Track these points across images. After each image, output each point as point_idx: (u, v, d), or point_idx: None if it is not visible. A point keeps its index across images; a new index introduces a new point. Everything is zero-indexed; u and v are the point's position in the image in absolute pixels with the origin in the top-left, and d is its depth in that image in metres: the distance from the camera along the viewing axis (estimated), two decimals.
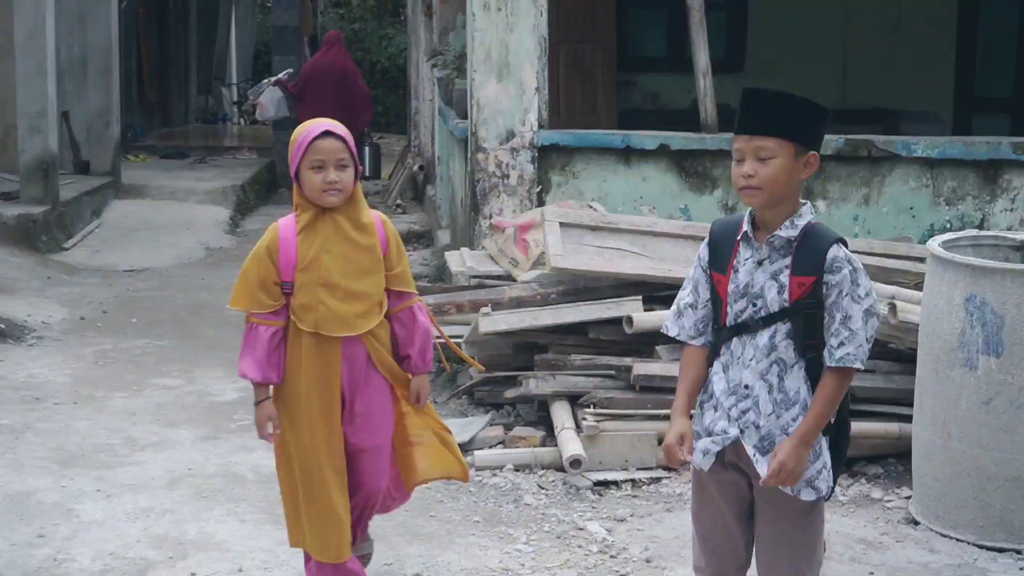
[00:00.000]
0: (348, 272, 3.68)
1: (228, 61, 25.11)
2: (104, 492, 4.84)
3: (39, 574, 4.09)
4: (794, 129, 3.10)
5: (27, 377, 6.37)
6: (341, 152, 3.65)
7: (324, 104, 12.80)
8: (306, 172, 3.65)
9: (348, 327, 3.68)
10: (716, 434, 3.23)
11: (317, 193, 3.65)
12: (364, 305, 3.70)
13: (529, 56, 7.11)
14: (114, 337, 7.45)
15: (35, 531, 4.42)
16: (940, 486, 4.90)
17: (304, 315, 3.67)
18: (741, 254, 3.20)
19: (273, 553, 4.34)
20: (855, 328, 3.11)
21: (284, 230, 3.71)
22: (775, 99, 3.12)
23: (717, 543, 3.35)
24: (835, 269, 3.12)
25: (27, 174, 10.08)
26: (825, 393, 3.11)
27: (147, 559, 4.24)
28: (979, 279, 4.75)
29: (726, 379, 3.23)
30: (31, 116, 10.02)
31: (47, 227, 10.03)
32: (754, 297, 3.18)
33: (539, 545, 4.57)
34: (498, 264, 6.49)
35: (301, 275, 3.67)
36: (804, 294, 3.12)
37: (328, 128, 3.68)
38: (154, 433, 5.63)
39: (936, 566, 4.57)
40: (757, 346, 3.17)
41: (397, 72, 24.20)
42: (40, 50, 9.92)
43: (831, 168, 7.30)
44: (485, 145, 7.11)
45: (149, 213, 11.98)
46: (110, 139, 12.73)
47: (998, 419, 4.73)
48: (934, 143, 7.34)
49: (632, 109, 10.89)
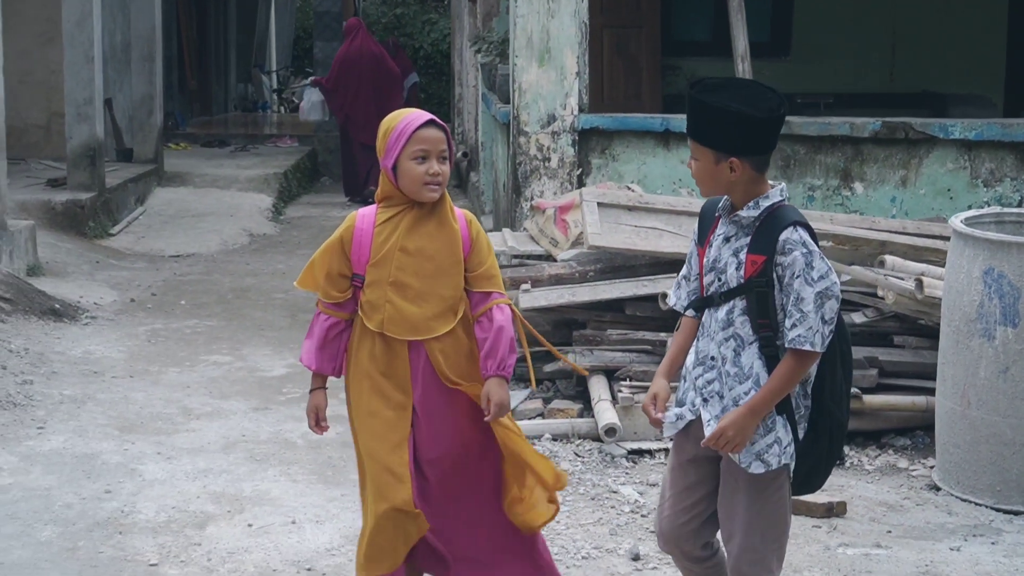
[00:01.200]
0: (422, 271, 3.62)
1: (268, 48, 25.75)
2: (164, 455, 5.42)
3: (108, 524, 4.66)
4: (709, 137, 3.39)
5: (84, 353, 6.97)
6: (444, 144, 3.61)
7: (358, 92, 13.56)
8: (406, 162, 3.58)
9: (415, 330, 3.61)
10: (685, 404, 3.53)
11: (417, 186, 3.59)
12: (436, 308, 3.63)
13: (570, 41, 7.62)
14: (164, 318, 8.06)
15: (102, 487, 5.00)
16: (960, 452, 5.36)
17: (371, 313, 3.63)
18: (717, 230, 3.50)
19: (324, 508, 4.89)
20: (806, 310, 3.34)
21: (361, 220, 3.67)
22: (697, 106, 3.41)
23: (680, 502, 3.58)
24: (786, 251, 3.36)
25: (74, 161, 10.72)
26: (779, 371, 3.36)
27: (207, 512, 4.81)
28: (997, 253, 5.21)
29: (695, 350, 3.53)
30: (78, 103, 10.65)
31: (94, 213, 10.67)
32: (719, 272, 3.47)
33: (574, 505, 5.08)
34: (538, 244, 7.01)
35: (373, 270, 3.62)
36: (756, 272, 3.39)
37: (432, 117, 3.63)
38: (208, 404, 6.21)
39: (952, 526, 5.04)
40: (718, 319, 3.46)
41: (441, 59, 24.67)
42: (88, 37, 10.55)
43: (868, 150, 7.76)
44: (527, 129, 7.64)
45: (192, 200, 12.62)
46: (153, 126, 13.38)
47: (1015, 387, 5.19)
48: (971, 125, 7.77)
49: (677, 94, 11.33)
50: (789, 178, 7.76)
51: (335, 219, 12.84)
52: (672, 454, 3.64)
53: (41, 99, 12.65)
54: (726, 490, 3.52)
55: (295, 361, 6.84)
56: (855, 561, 4.64)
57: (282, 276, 9.64)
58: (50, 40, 12.22)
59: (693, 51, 11.73)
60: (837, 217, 6.93)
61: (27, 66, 12.32)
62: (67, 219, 10.31)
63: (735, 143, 3.37)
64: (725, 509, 3.51)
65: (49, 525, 4.61)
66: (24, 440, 5.51)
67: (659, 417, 3.53)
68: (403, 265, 3.62)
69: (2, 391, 5.99)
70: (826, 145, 7.78)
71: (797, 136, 7.72)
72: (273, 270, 9.95)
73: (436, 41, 25.26)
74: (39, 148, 12.69)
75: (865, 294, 6.30)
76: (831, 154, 7.78)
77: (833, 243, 6.40)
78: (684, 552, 3.61)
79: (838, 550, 4.74)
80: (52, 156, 12.43)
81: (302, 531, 4.66)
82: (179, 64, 18.23)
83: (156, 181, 13.15)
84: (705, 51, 11.71)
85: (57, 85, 12.17)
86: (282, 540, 4.58)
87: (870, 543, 4.82)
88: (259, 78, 23.97)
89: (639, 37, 11.06)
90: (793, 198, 7.66)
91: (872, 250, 6.43)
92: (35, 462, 5.25)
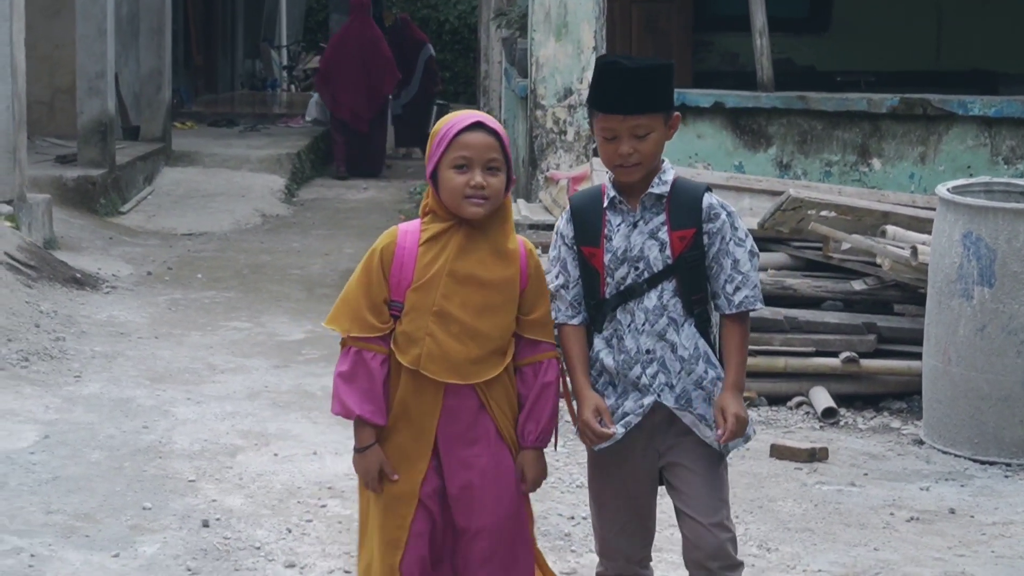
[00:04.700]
0: (471, 305, 3.58)
1: (278, 21, 27.02)
2: (193, 400, 6.78)
3: (149, 450, 6.01)
4: (663, 101, 3.67)
5: (108, 317, 8.35)
6: (493, 151, 3.57)
7: (347, 78, 15.53)
8: (446, 171, 3.57)
9: (456, 372, 3.58)
10: (628, 412, 3.73)
11: (457, 199, 3.56)
12: (482, 349, 3.59)
13: (587, 15, 8.95)
14: (183, 289, 9.45)
15: (140, 424, 6.36)
16: (942, 408, 6.63)
17: (407, 346, 3.59)
18: (611, 222, 3.72)
19: (343, 444, 6.18)
20: (745, 271, 3.71)
21: (404, 237, 3.62)
22: (643, 75, 3.62)
23: (624, 523, 3.85)
24: (713, 217, 3.70)
25: (85, 136, 12.12)
26: (737, 340, 3.72)
27: (236, 444, 6.15)
28: (975, 217, 6.49)
29: (618, 351, 3.72)
30: (90, 77, 12.05)
31: (105, 190, 12.07)
32: (635, 260, 3.70)
33: (573, 448, 6.36)
34: (552, 214, 8.33)
35: (413, 296, 3.58)
36: (686, 247, 3.68)
37: (480, 119, 3.60)
38: (231, 361, 7.57)
39: (927, 472, 6.32)
40: (647, 309, 3.70)
41: (468, 33, 25.83)
42: (101, 9, 11.94)
43: (886, 126, 9.04)
44: (543, 102, 8.96)
45: (201, 181, 14.05)
46: (161, 103, 14.79)
47: (991, 344, 6.46)
48: (991, 102, 9.03)
49: (710, 71, 12.54)
50: (806, 154, 9.05)
51: (351, 202, 14.26)
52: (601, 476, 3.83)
53: (45, 74, 13.91)
54: (680, 477, 3.80)
55: (313, 327, 8.22)
56: (827, 495, 5.92)
57: (297, 254, 11.01)
58: (56, 13, 13.55)
59: (727, 26, 12.88)
60: (845, 190, 8.22)
61: (31, 40, 13.55)
62: (78, 195, 11.71)
63: (673, 95, 3.76)
64: (685, 497, 3.79)
65: (96, 450, 5.97)
66: (64, 386, 6.88)
67: (611, 431, 3.70)
68: (450, 293, 3.57)
69: (38, 344, 7.38)
70: (843, 121, 9.05)
71: (814, 111, 9.00)
72: (288, 248, 11.32)
73: (463, 14, 26.18)
74: (42, 126, 13.95)
75: (867, 263, 7.57)
76: (848, 130, 9.04)
77: (836, 213, 7.66)
78: (639, 561, 3.95)
79: (814, 487, 6.02)
80: (55, 134, 13.73)
81: (323, 460, 6.00)
82: (184, 38, 19.59)
83: (164, 160, 14.55)
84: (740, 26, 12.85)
85: (61, 60, 13.54)
86: (305, 466, 5.92)
87: (845, 482, 6.09)
88: (268, 54, 25.21)
89: (670, 11, 12.36)
90: (809, 174, 8.97)
91: (875, 221, 7.69)
92: (76, 403, 6.62)
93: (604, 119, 3.65)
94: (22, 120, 9.83)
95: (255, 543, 5.03)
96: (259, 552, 4.96)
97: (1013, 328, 6.41)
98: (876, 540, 5.39)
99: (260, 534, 5.10)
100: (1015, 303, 6.38)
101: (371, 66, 15.70)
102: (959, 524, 5.63)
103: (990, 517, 5.72)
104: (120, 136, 14.27)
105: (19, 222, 9.45)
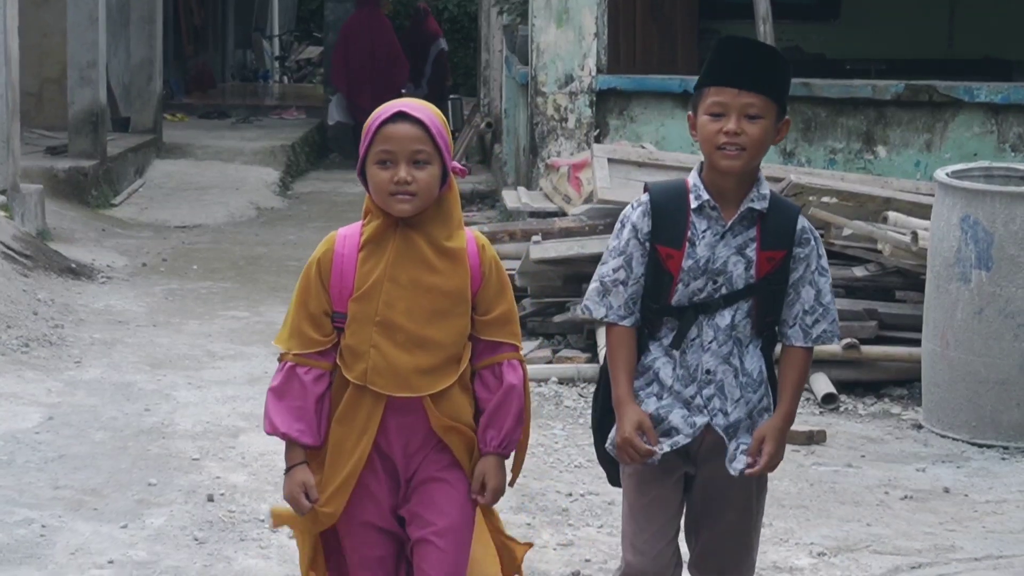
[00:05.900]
0: (418, 311, 3.53)
1: (269, 10, 27.37)
2: (194, 385, 7.21)
3: (152, 431, 6.44)
4: (779, 88, 3.56)
5: (105, 306, 8.79)
6: (419, 142, 3.48)
7: (356, 69, 15.90)
8: (371, 167, 3.53)
9: (405, 385, 3.54)
10: (677, 427, 3.67)
11: (383, 196, 3.52)
12: (432, 358, 3.55)
13: (589, 1, 9.37)
14: (179, 280, 9.89)
15: (142, 407, 6.79)
16: (940, 392, 7.05)
17: (352, 361, 3.55)
18: (697, 226, 3.61)
19: None
20: (826, 302, 3.65)
21: (342, 243, 3.60)
22: (765, 52, 3.60)
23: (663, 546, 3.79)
24: (804, 242, 3.62)
25: (76, 127, 12.55)
26: (800, 373, 3.66)
27: (238, 426, 6.58)
28: (972, 201, 6.91)
29: (678, 364, 3.65)
30: (81, 67, 12.47)
31: (96, 182, 12.51)
32: (715, 274, 3.60)
33: (572, 431, 6.79)
34: (552, 202, 8.76)
35: (355, 306, 3.54)
36: (772, 269, 3.59)
37: (404, 109, 3.51)
38: (230, 348, 8.01)
39: (924, 454, 6.74)
40: (718, 327, 3.62)
41: (469, 22, 26.19)
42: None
43: (892, 113, 9.46)
44: (544, 89, 9.39)
45: (194, 173, 14.49)
46: (152, 94, 15.22)
47: (988, 327, 6.88)
48: (997, 88, 9.45)
49: None
50: (810, 141, 9.47)
51: (347, 195, 14.68)
52: (640, 489, 3.77)
53: (34, 64, 14.19)
54: (711, 509, 3.77)
55: None
56: (823, 475, 6.34)
57: (293, 247, 11.43)
58: (44, 1, 13.97)
59: (734, 13, 13.25)
60: (848, 176, 8.64)
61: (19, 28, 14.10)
62: (70, 187, 12.15)
63: (786, 92, 3.60)
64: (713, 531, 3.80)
65: (100, 431, 6.40)
66: (64, 371, 7.32)
67: (655, 449, 3.64)
68: (393, 300, 3.53)
69: (37, 331, 7.83)
70: (848, 107, 9.47)
71: (818, 98, 9.42)
72: (284, 240, 11.76)
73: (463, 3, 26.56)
74: (31, 117, 14.24)
75: (869, 249, 7.99)
76: (853, 116, 9.47)
77: (838, 199, 8.08)
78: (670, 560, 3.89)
79: (811, 468, 6.44)
80: (44, 125, 14.06)
81: None
82: (175, 28, 19.98)
83: (155, 153, 14.98)
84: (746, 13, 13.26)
85: (50, 49, 13.95)
86: None
87: (842, 464, 6.52)
88: (260, 44, 25.62)
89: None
90: (814, 161, 9.39)
91: (877, 207, 8.11)
92: (78, 387, 7.05)
93: (716, 92, 3.54)
94: (16, 109, 10.26)
95: (260, 516, 5.46)
96: (263, 524, 5.38)
97: (1010, 311, 6.83)
98: (869, 516, 5.82)
99: (264, 508, 5.52)
100: (1012, 286, 6.80)
101: (378, 55, 16.17)
102: (952, 502, 6.05)
103: (984, 496, 6.14)
104: (110, 128, 14.70)
105: (12, 212, 9.87)
